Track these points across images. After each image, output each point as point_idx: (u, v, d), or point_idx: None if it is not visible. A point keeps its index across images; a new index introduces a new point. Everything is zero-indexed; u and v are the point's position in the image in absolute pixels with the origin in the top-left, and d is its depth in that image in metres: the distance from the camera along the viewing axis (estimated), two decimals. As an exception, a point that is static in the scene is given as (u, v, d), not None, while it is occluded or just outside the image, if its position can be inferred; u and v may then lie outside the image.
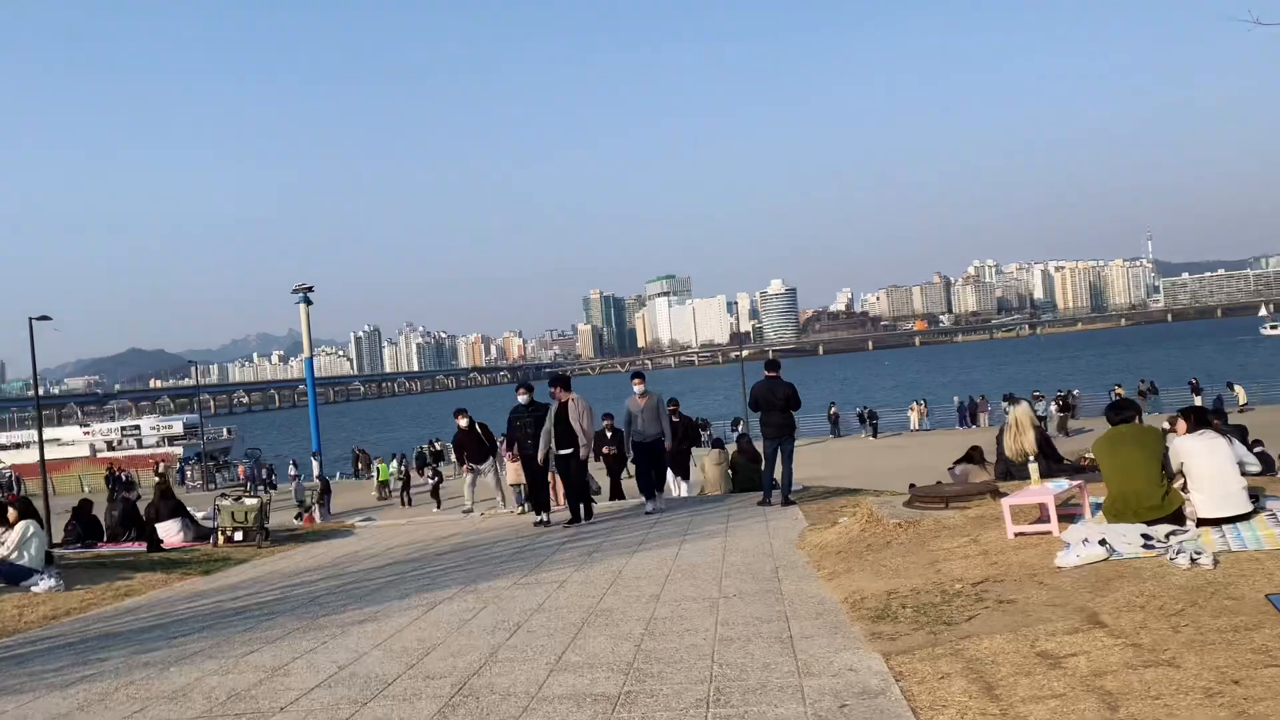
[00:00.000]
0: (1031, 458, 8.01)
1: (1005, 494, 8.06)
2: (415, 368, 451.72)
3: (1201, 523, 6.11)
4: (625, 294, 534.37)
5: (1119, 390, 42.95)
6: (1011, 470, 9.67)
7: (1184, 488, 6.31)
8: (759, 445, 13.12)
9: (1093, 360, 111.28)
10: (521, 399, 12.06)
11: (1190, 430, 6.49)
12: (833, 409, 47.67)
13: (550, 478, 12.25)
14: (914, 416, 46.81)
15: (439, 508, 25.52)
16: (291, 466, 34.96)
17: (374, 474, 37.91)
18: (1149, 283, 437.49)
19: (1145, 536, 5.81)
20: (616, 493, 15.59)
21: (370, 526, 15.32)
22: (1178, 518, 6.16)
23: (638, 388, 12.58)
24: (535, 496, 12.20)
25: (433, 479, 30.07)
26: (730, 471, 15.27)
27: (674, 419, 14.39)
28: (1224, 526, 6.05)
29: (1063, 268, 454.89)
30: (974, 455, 13.61)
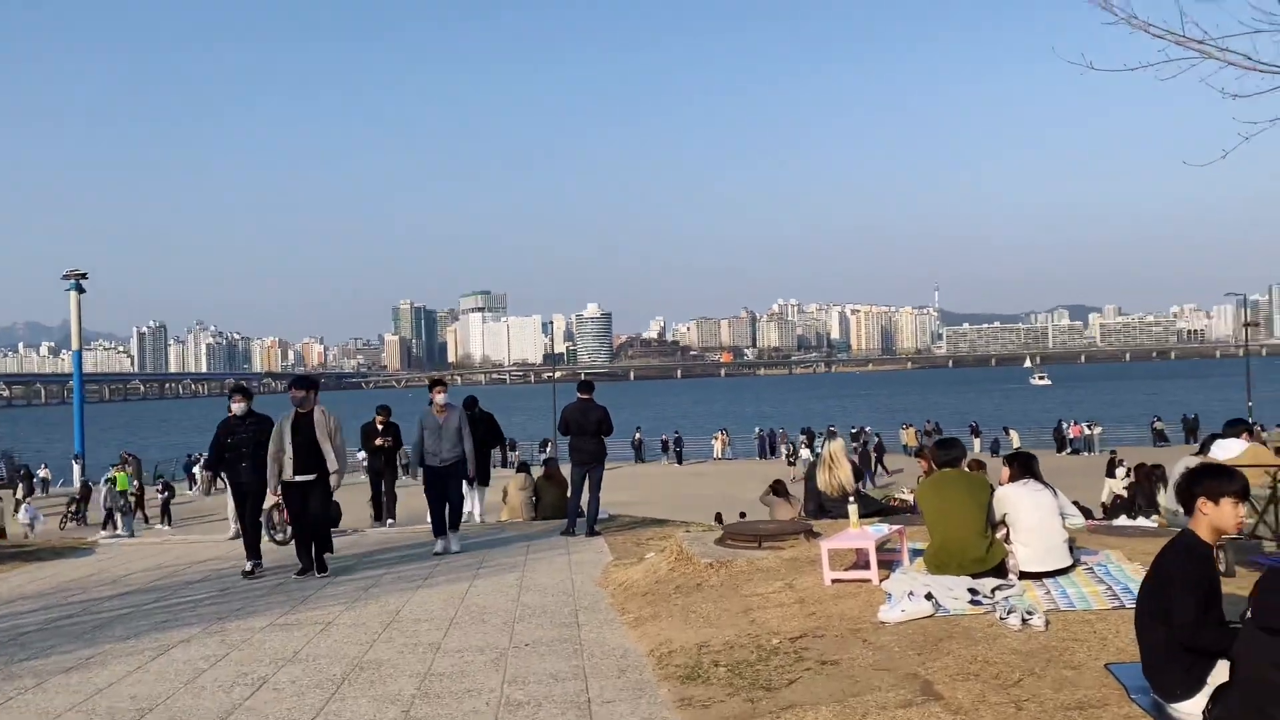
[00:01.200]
0: (851, 497, 7.62)
1: (820, 534, 7.65)
2: (204, 369, 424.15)
3: (1024, 576, 5.82)
4: (438, 307, 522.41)
5: (909, 429, 45.25)
6: (825, 506, 9.34)
7: (1006, 539, 6.02)
8: (566, 470, 12.30)
9: (882, 400, 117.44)
10: (237, 408, 9.42)
11: (1014, 478, 6.20)
12: (638, 434, 47.62)
13: (280, 511, 10.00)
14: (718, 445, 47.49)
15: (149, 525, 23.51)
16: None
17: (111, 483, 33.47)
18: (934, 330, 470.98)
19: (972, 591, 5.43)
20: (390, 507, 13.96)
21: (116, 544, 13.42)
22: (1000, 570, 5.85)
23: (439, 398, 10.63)
24: (248, 536, 9.45)
25: (162, 493, 26.02)
26: (534, 497, 14.42)
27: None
28: (1046, 581, 5.78)
29: (858, 310, 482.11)
30: (779, 489, 13.42)
